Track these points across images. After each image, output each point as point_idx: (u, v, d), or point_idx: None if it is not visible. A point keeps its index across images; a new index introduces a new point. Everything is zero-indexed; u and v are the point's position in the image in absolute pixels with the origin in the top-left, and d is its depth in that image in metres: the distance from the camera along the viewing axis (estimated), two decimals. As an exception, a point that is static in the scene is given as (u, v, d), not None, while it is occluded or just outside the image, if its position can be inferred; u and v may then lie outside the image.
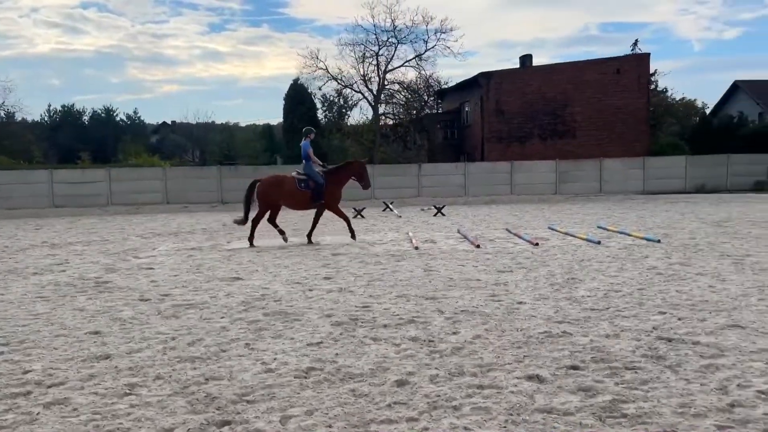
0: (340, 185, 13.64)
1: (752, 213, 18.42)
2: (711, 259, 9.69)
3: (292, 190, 13.12)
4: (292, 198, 13.22)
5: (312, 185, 13.14)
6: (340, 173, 13.56)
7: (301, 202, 13.31)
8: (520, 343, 5.24)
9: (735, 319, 5.90)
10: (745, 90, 50.75)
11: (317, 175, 13.23)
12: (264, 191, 13.19)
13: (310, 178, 13.16)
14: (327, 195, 13.30)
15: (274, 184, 13.26)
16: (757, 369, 4.42)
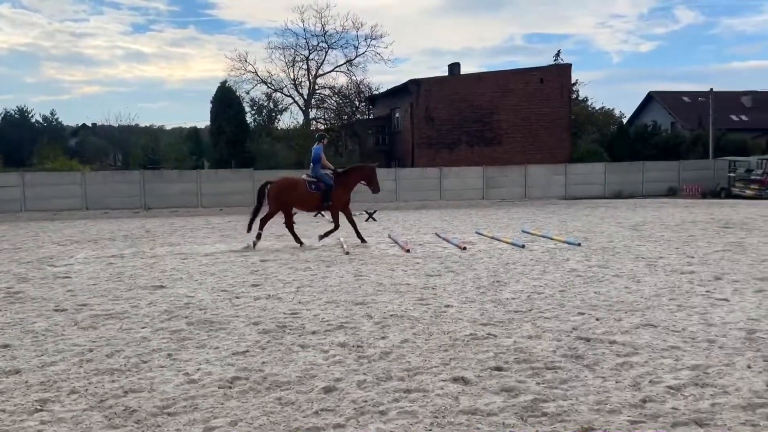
0: (349, 188, 13.92)
1: (665, 217, 19.50)
2: (627, 262, 10.17)
3: (304, 192, 13.48)
4: (304, 200, 13.63)
5: (322, 187, 13.49)
6: (349, 176, 13.91)
7: (312, 203, 13.78)
8: (446, 346, 5.32)
9: (648, 318, 6.21)
10: (658, 101, 53.80)
11: (327, 177, 13.58)
12: (277, 193, 13.46)
13: (320, 180, 13.50)
14: (334, 197, 13.59)
15: (287, 186, 13.59)
16: (667, 365, 4.67)
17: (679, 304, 6.81)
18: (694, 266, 9.54)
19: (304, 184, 13.51)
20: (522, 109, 36.72)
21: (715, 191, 32.16)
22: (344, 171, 14.03)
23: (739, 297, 7.17)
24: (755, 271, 8.97)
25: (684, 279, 8.45)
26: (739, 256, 10.46)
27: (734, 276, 8.58)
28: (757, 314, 6.27)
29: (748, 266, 9.41)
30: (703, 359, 4.79)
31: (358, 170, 14.23)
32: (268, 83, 41.22)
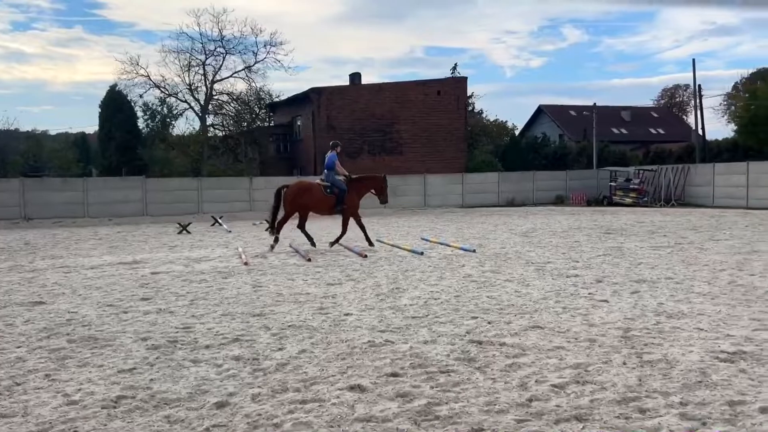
0: (360, 195, 14.63)
1: (553, 224, 20.61)
2: (518, 267, 10.65)
3: (320, 195, 14.10)
4: (319, 203, 14.20)
5: (336, 192, 14.12)
6: (362, 184, 14.67)
7: (326, 207, 14.31)
8: (344, 354, 5.32)
9: (536, 320, 6.53)
10: (547, 114, 56.97)
11: (340, 182, 14.20)
12: (294, 196, 14.05)
13: (334, 185, 14.13)
14: (348, 201, 14.23)
15: (304, 189, 14.28)
16: (552, 365, 4.92)
17: (564, 306, 7.21)
18: (579, 270, 10.14)
19: (320, 188, 14.14)
20: (421, 120, 37.60)
21: (598, 199, 34.40)
22: (357, 178, 14.79)
23: (618, 298, 7.70)
24: (632, 273, 9.67)
25: (569, 282, 8.96)
26: (618, 260, 11.23)
27: (614, 278, 9.21)
28: (633, 314, 6.75)
29: (626, 269, 10.13)
30: (585, 358, 5.10)
31: (371, 179, 15.01)
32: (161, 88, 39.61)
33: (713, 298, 7.62)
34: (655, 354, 5.14)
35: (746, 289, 8.13)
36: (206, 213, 27.73)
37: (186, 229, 20.26)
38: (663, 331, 5.93)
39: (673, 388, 4.29)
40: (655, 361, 4.95)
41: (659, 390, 4.26)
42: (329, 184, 14.10)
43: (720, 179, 30.01)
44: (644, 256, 11.79)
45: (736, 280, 8.85)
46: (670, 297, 7.70)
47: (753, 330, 5.94)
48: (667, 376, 4.55)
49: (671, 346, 5.38)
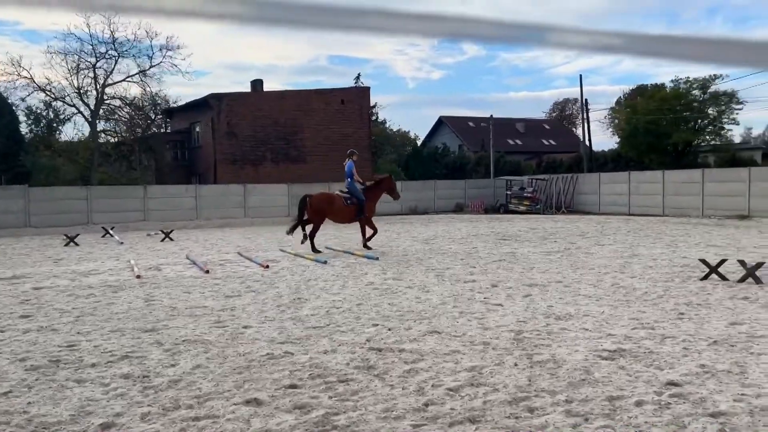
0: (376, 200, 15.63)
1: (453, 231, 21.21)
2: (419, 273, 10.86)
3: (341, 206, 14.74)
4: (339, 213, 14.90)
5: (356, 202, 14.76)
6: (376, 189, 15.53)
7: (346, 216, 15.01)
8: (241, 368, 5.19)
9: (434, 325, 6.68)
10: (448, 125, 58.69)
11: (359, 192, 14.87)
12: (317, 206, 14.71)
13: (353, 195, 14.81)
14: (366, 209, 14.95)
15: (326, 200, 14.92)
16: (448, 369, 5.04)
17: (461, 311, 7.43)
18: (476, 275, 10.49)
19: (341, 199, 14.83)
20: (325, 128, 37.56)
21: (495, 207, 35.78)
22: (371, 185, 15.61)
23: (511, 302, 8.03)
24: (524, 278, 10.13)
25: (466, 287, 9.25)
26: (512, 265, 11.73)
27: (508, 283, 9.60)
28: (524, 317, 7.06)
29: (520, 274, 10.59)
30: (479, 360, 5.27)
31: (383, 182, 15.86)
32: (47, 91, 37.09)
33: (598, 299, 8.12)
34: (544, 354, 5.40)
35: (627, 291, 8.74)
36: (96, 224, 26.20)
37: (73, 241, 19.02)
38: (552, 333, 6.24)
39: (560, 387, 4.52)
40: (544, 361, 5.20)
41: (547, 389, 4.48)
42: (349, 194, 14.88)
43: (605, 188, 32.09)
44: (536, 261, 12.38)
45: (618, 283, 9.48)
46: (559, 300, 8.13)
47: (632, 329, 6.38)
48: (554, 376, 4.79)
49: (559, 347, 5.67)
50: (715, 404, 4.10)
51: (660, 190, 27.88)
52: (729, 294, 8.27)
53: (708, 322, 6.67)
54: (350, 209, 14.80)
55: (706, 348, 5.57)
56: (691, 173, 27.45)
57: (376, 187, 15.65)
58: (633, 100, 40.64)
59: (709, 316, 6.93)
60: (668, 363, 5.10)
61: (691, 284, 9.17)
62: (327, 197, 15.14)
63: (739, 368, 4.92)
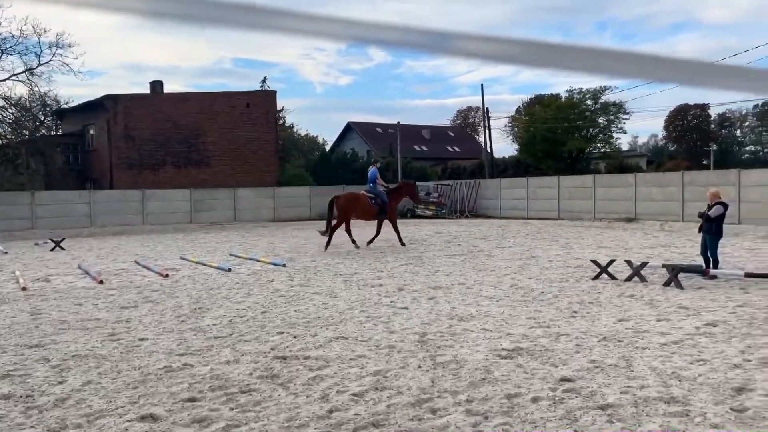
0: (397, 202, 17.37)
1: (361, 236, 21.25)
2: (327, 279, 10.80)
3: (366, 205, 16.25)
4: (364, 211, 16.40)
5: (379, 202, 16.29)
6: (398, 193, 17.30)
7: (371, 214, 16.49)
8: (136, 382, 4.94)
9: (340, 331, 6.65)
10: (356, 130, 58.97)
11: (383, 194, 16.46)
12: (344, 205, 16.19)
13: (378, 196, 16.38)
14: (389, 209, 16.50)
15: (352, 200, 16.46)
16: (354, 374, 5.04)
17: (368, 315, 7.46)
18: (383, 279, 10.57)
19: (366, 198, 16.33)
20: (229, 132, 36.65)
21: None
22: (394, 188, 17.38)
23: (416, 305, 8.15)
24: (429, 281, 10.32)
25: (374, 292, 9.30)
26: (418, 269, 11.92)
27: (414, 286, 9.74)
28: (429, 319, 7.19)
29: (425, 277, 10.79)
30: (384, 364, 5.30)
31: (405, 187, 17.73)
32: None
33: (498, 300, 8.40)
34: (447, 356, 5.52)
35: (525, 291, 9.11)
36: (-23, 232, 24.13)
37: (-51, 252, 17.41)
38: (455, 334, 6.39)
39: (461, 387, 4.63)
40: (446, 362, 5.31)
41: (449, 389, 4.57)
42: (374, 195, 16.36)
43: (505, 193, 33.38)
44: (441, 264, 12.66)
45: (517, 284, 9.87)
46: (462, 301, 8.34)
47: (529, 328, 6.66)
48: (456, 376, 4.90)
49: (461, 347, 5.81)
50: (603, 397, 4.34)
51: (556, 195, 29.36)
52: (617, 292, 8.81)
53: (598, 319, 7.07)
54: (374, 208, 16.37)
55: (596, 344, 5.90)
56: (583, 179, 29.09)
57: (399, 191, 17.39)
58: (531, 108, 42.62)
59: (600, 314, 7.35)
60: (562, 360, 5.35)
61: (583, 284, 9.69)
62: (353, 197, 16.71)
63: (626, 362, 5.25)
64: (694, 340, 5.98)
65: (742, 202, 21.00)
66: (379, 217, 16.56)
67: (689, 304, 7.77)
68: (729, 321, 6.79)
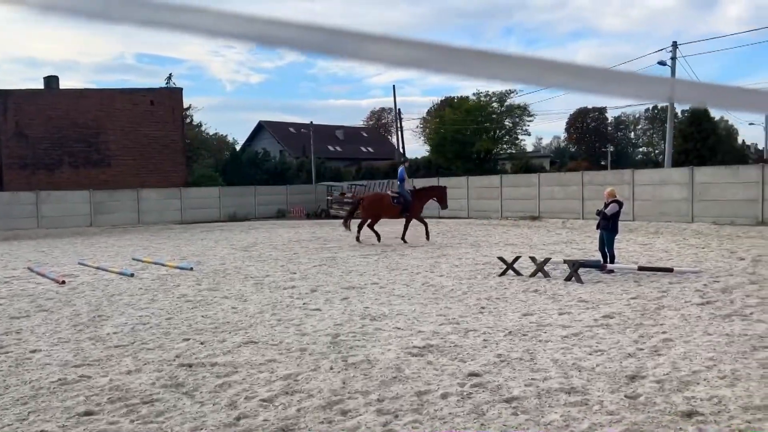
0: (422, 202, 17.74)
1: (274, 237, 20.95)
2: (236, 282, 10.53)
3: (389, 204, 17.34)
4: (388, 210, 17.45)
5: (402, 201, 17.21)
6: (425, 193, 17.97)
7: (394, 213, 17.47)
8: (26, 398, 4.59)
9: (250, 335, 6.49)
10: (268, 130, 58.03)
11: (407, 194, 17.37)
12: (369, 205, 17.56)
13: (401, 196, 17.29)
14: (412, 208, 17.30)
15: (377, 200, 17.81)
16: (263, 379, 4.92)
17: (279, 318, 7.33)
18: (296, 281, 10.44)
19: (389, 198, 17.48)
20: (132, 130, 35.01)
21: (317, 212, 36.11)
22: (421, 189, 18.20)
23: (329, 306, 8.10)
24: (343, 281, 10.30)
25: (286, 294, 9.16)
26: (332, 269, 11.87)
27: (327, 287, 9.68)
28: (342, 320, 7.16)
29: (338, 277, 10.75)
30: (295, 368, 5.21)
31: (433, 189, 18.36)
32: None
33: (410, 298, 8.50)
34: (359, 356, 5.51)
35: (436, 289, 9.27)
36: None
37: None
38: (367, 333, 6.40)
39: (372, 387, 4.63)
40: (358, 362, 5.30)
41: (360, 390, 4.56)
42: (398, 194, 17.33)
43: (418, 193, 33.93)
44: (355, 264, 12.67)
45: (428, 282, 10.03)
46: (374, 301, 8.38)
47: (440, 325, 6.77)
48: (367, 376, 4.90)
49: (373, 347, 5.82)
50: (509, 390, 4.48)
51: (465, 195, 30.17)
52: (522, 288, 9.15)
53: (505, 314, 7.30)
54: (397, 207, 17.23)
55: (502, 338, 6.08)
56: (491, 179, 30.07)
57: (425, 191, 18.03)
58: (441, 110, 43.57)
59: (506, 309, 7.59)
60: (470, 355, 5.48)
61: (491, 280, 9.99)
62: (378, 197, 18.05)
63: (530, 355, 5.44)
64: (592, 331, 6.30)
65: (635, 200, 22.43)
66: (404, 215, 17.44)
67: (588, 298, 8.19)
68: (624, 312, 7.21)
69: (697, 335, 6.04)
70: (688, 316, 6.96)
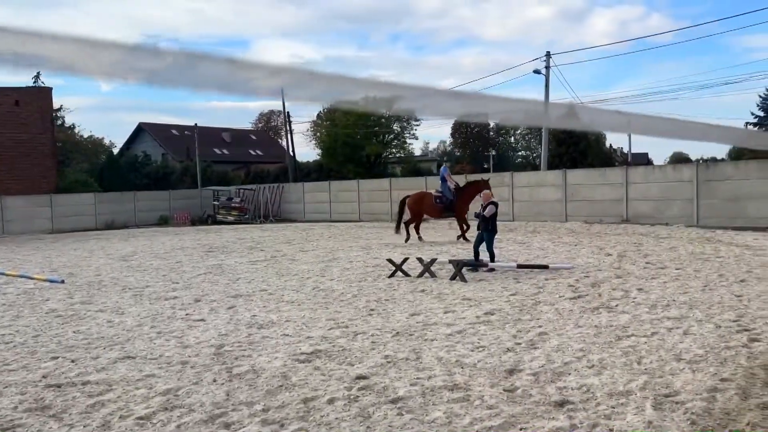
0: (466, 201, 17.08)
1: (156, 245, 19.96)
2: (113, 294, 9.92)
3: (431, 203, 17.26)
4: (430, 209, 17.44)
5: (445, 201, 17.11)
6: (468, 191, 17.06)
7: (436, 213, 17.52)
8: None
9: (127, 350, 6.13)
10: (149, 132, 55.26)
11: (449, 193, 17.15)
12: (412, 204, 17.44)
13: (443, 195, 17.18)
14: (456, 208, 17.03)
15: (419, 199, 17.53)
16: (140, 396, 4.66)
17: (159, 331, 6.98)
18: (178, 291, 10.00)
19: (431, 197, 17.36)
20: (-6, 132, 32.07)
21: (202, 218, 34.87)
22: (464, 186, 17.34)
23: (214, 315, 7.83)
24: (230, 289, 10.00)
25: (167, 305, 8.74)
26: (218, 277, 11.49)
27: (212, 296, 9.35)
28: (227, 329, 6.94)
29: (225, 285, 10.43)
30: (175, 382, 4.98)
31: (475, 185, 16.93)
32: None
33: (299, 304, 8.41)
34: (244, 366, 5.36)
35: (326, 293, 9.24)
36: None
37: None
38: (254, 342, 6.25)
39: (257, 397, 4.52)
40: (243, 373, 5.16)
41: (245, 401, 4.43)
42: (440, 194, 17.20)
43: (309, 196, 33.76)
44: (243, 271, 12.35)
45: (319, 286, 9.98)
46: (263, 308, 8.20)
47: (329, 329, 6.75)
48: (253, 386, 4.78)
49: (259, 356, 5.69)
50: (395, 391, 4.54)
51: (356, 198, 30.41)
52: (410, 288, 9.34)
53: (393, 315, 7.41)
54: (439, 207, 17.15)
55: (390, 339, 6.17)
56: (381, 182, 30.52)
57: (468, 189, 17.15)
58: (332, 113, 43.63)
59: (394, 310, 7.71)
60: (358, 358, 5.50)
61: (380, 282, 10.12)
62: (420, 196, 17.75)
63: (416, 355, 5.55)
64: (475, 328, 6.54)
65: (514, 201, 23.66)
66: (447, 215, 17.48)
67: (472, 296, 8.51)
68: (504, 309, 7.55)
69: (569, 328, 6.45)
70: (561, 310, 7.41)
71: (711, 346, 5.58)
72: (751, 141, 6.42)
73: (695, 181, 19.34)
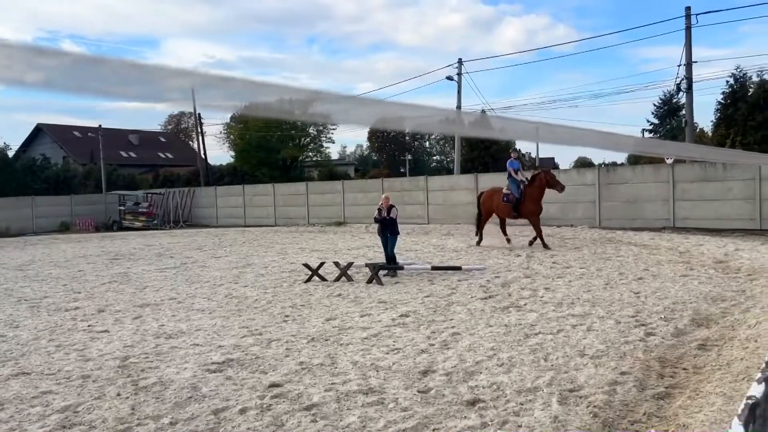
0: (536, 199, 14.91)
1: (56, 254, 18.79)
2: (7, 307, 9.23)
3: (498, 201, 15.45)
4: (498, 207, 15.53)
5: (511, 199, 15.09)
6: (532, 188, 14.95)
7: (504, 211, 15.39)
8: None
9: (22, 366, 5.72)
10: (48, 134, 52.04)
11: (516, 191, 15.10)
12: (483, 201, 16.12)
13: (511, 192, 15.17)
14: (523, 208, 14.95)
15: (489, 196, 16.00)
16: (36, 414, 4.35)
17: (59, 344, 6.56)
18: (80, 301, 9.45)
19: (500, 195, 15.45)
20: None
21: (108, 224, 33.17)
22: (529, 183, 15.06)
23: (119, 326, 7.45)
24: (136, 299, 9.55)
25: (68, 316, 8.24)
26: (123, 286, 10.95)
27: (117, 306, 8.90)
28: (133, 340, 6.62)
29: (131, 295, 9.95)
30: (75, 398, 4.69)
31: (537, 180, 14.98)
32: None
33: (211, 312, 8.15)
34: (151, 378, 5.13)
35: (239, 300, 9.01)
36: None
37: None
38: (161, 353, 5.99)
39: (165, 410, 4.33)
40: (150, 385, 4.93)
41: (151, 415, 4.24)
42: (509, 191, 15.26)
43: (222, 201, 32.88)
44: (150, 279, 11.83)
45: (232, 293, 9.72)
46: (171, 317, 7.88)
47: (241, 337, 6.58)
48: (160, 399, 4.58)
49: (167, 367, 5.46)
50: (309, 397, 4.48)
51: (271, 202, 29.93)
52: (327, 293, 9.28)
53: (308, 321, 7.33)
54: (507, 205, 15.28)
55: (305, 346, 6.09)
56: (297, 186, 30.19)
57: (532, 186, 15.05)
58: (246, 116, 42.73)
59: (310, 316, 7.63)
60: (272, 366, 5.39)
61: (296, 287, 9.99)
62: (491, 193, 16.04)
63: (331, 360, 5.51)
64: (390, 331, 6.58)
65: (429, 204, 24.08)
66: (514, 215, 15.30)
67: (387, 298, 8.56)
68: (419, 311, 7.65)
69: (481, 327, 6.62)
70: (473, 310, 7.60)
71: (612, 341, 5.89)
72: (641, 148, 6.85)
73: (597, 185, 20.41)
